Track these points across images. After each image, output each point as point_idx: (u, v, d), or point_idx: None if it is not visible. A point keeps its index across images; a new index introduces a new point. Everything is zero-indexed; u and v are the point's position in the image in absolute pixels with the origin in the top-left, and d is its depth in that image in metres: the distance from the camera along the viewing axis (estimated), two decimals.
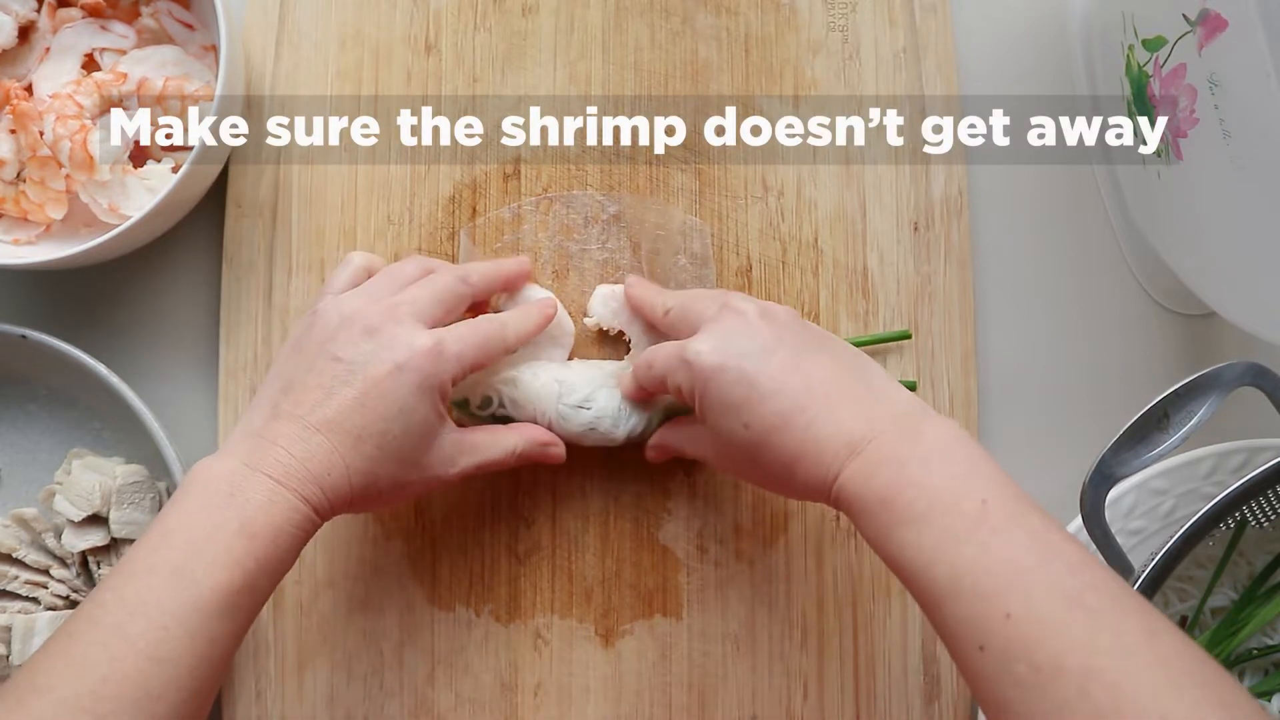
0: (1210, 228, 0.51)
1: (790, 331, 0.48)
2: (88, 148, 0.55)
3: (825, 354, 0.47)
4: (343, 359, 0.46)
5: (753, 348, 0.46)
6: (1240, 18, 0.43)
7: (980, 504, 0.40)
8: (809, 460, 0.44)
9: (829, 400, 0.45)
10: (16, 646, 0.54)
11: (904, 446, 0.42)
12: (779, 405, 0.45)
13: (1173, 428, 0.50)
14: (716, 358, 0.46)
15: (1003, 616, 0.37)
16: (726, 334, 0.47)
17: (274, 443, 0.45)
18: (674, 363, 0.48)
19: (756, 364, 0.46)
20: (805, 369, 0.46)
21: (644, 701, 0.57)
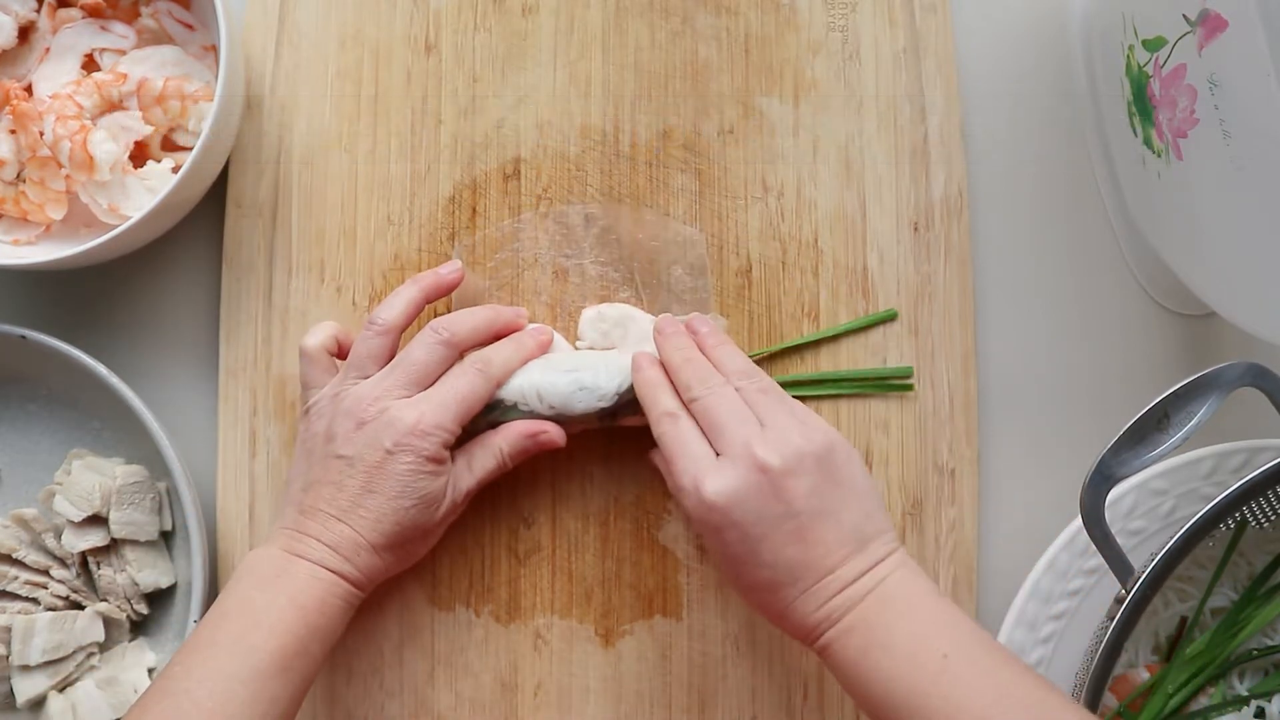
0: (1210, 228, 0.51)
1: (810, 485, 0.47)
2: (88, 148, 0.55)
3: (833, 509, 0.48)
4: (344, 455, 0.51)
5: (766, 513, 0.47)
6: (1240, 18, 0.43)
7: (941, 658, 0.44)
8: (792, 622, 0.48)
9: (821, 573, 0.47)
10: (16, 646, 0.54)
11: (875, 614, 0.46)
12: (773, 575, 0.47)
13: (1173, 428, 0.50)
14: (730, 515, 0.47)
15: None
16: (745, 489, 0.47)
17: (306, 534, 0.51)
18: (687, 485, 0.48)
19: (763, 530, 0.47)
20: (808, 540, 0.47)
21: (644, 702, 0.57)
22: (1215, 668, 0.56)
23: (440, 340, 0.53)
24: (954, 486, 0.59)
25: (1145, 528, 0.57)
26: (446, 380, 0.53)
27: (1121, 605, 0.48)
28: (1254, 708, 0.56)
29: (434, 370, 0.53)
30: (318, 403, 0.53)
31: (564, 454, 0.58)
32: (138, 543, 0.57)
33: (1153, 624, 0.57)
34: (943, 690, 0.43)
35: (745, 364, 0.53)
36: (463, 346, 0.54)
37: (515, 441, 0.54)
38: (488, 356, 0.54)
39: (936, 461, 0.59)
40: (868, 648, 0.45)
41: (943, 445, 0.59)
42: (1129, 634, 0.48)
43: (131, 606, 0.57)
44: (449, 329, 0.53)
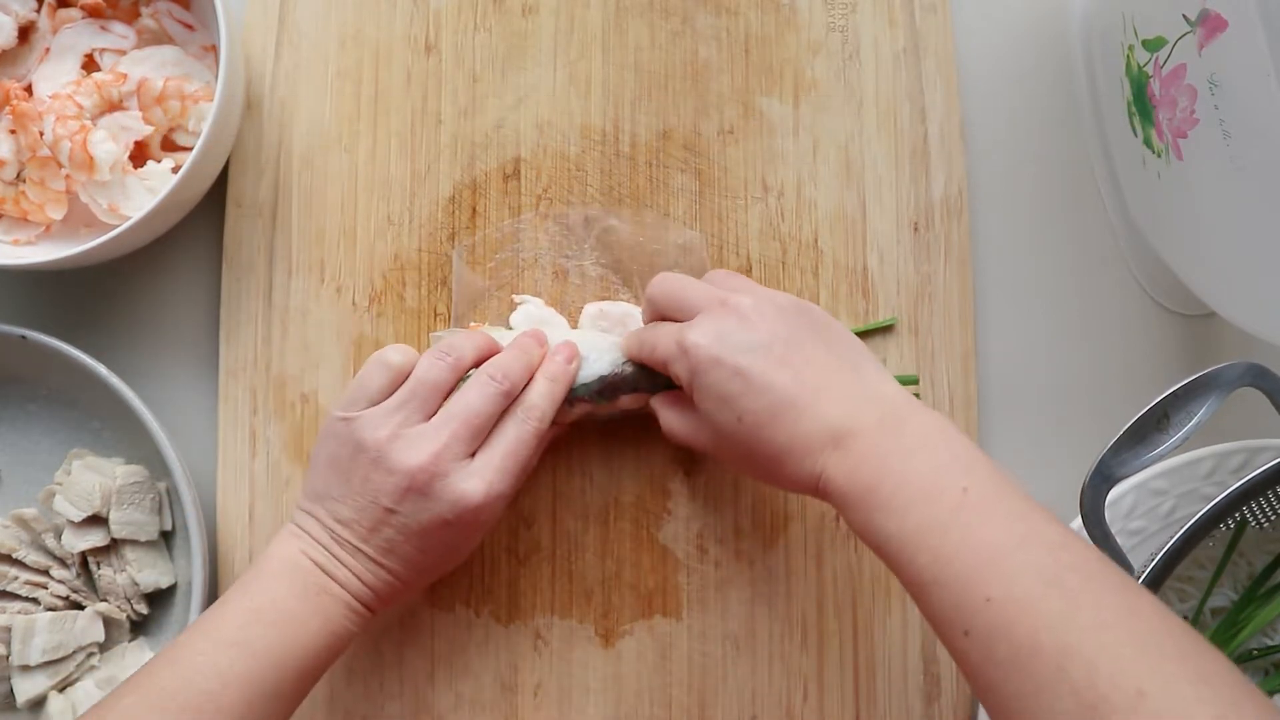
0: (1210, 228, 0.51)
1: (786, 324, 0.48)
2: (88, 148, 0.55)
3: (819, 347, 0.48)
4: (395, 511, 0.49)
5: (748, 342, 0.47)
6: (1240, 18, 0.43)
7: (961, 492, 0.41)
8: (796, 454, 0.46)
9: (817, 395, 0.46)
10: (16, 646, 0.54)
11: (887, 439, 0.44)
12: (769, 400, 0.46)
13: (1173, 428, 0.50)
14: (714, 349, 0.48)
15: (983, 600, 0.38)
16: (723, 329, 0.48)
17: (341, 563, 0.49)
18: (673, 351, 0.49)
19: (750, 359, 0.47)
20: (797, 364, 0.47)
21: (644, 702, 0.57)
22: None
23: (500, 391, 0.50)
24: None
25: (1145, 528, 0.57)
26: (506, 438, 0.50)
27: None
28: None
29: (490, 423, 0.50)
30: (366, 424, 0.49)
31: (564, 454, 0.58)
32: (138, 543, 0.57)
33: None
34: (961, 522, 0.40)
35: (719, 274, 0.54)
36: (513, 394, 0.51)
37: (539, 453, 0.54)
38: (541, 410, 0.51)
39: None
40: (880, 476, 0.43)
41: None
42: None
43: (131, 606, 0.57)
44: (507, 378, 0.51)
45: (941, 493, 0.41)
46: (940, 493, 0.41)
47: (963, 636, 0.39)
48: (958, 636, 0.39)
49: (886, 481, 0.43)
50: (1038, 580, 0.38)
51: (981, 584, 0.39)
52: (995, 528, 0.40)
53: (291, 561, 0.49)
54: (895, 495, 0.42)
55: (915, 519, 0.41)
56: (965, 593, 0.39)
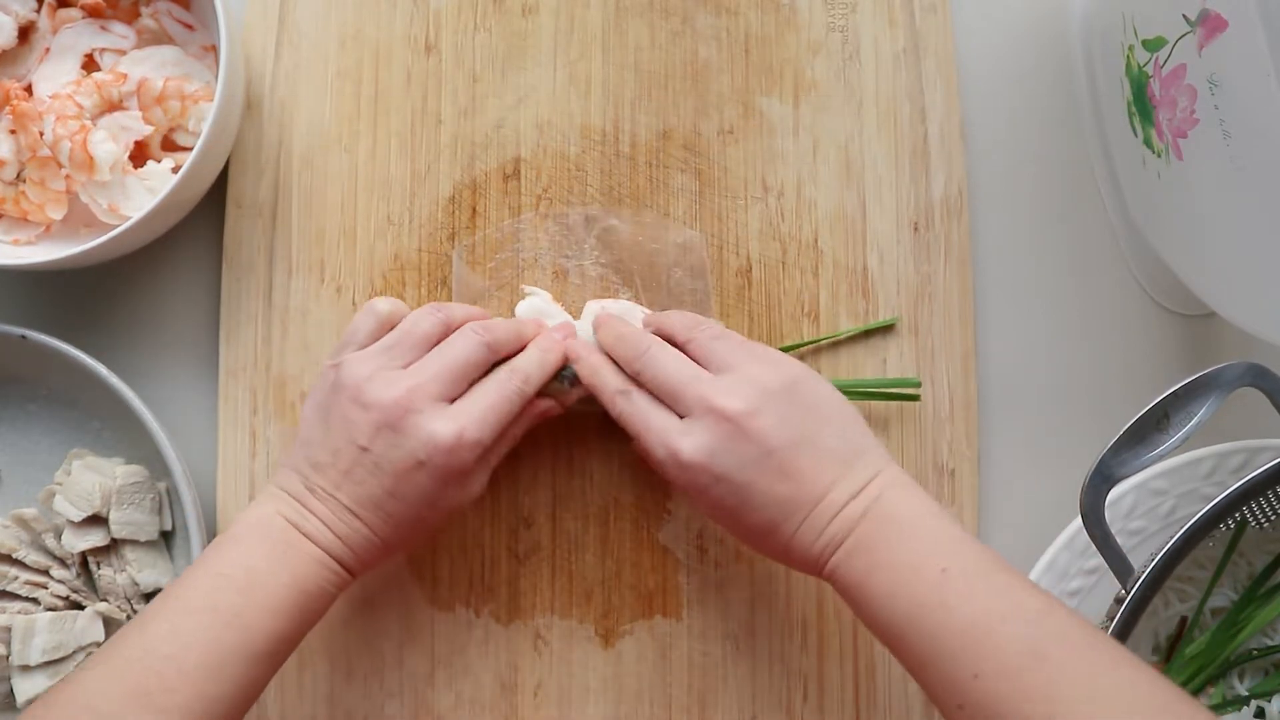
0: (1210, 228, 0.51)
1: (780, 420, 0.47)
2: (88, 148, 0.55)
3: (812, 439, 0.47)
4: (368, 450, 0.48)
5: (745, 459, 0.47)
6: (1240, 18, 0.43)
7: (940, 573, 0.44)
8: (797, 557, 0.48)
9: (814, 502, 0.47)
10: (16, 646, 0.54)
11: (873, 533, 0.46)
12: (769, 515, 0.47)
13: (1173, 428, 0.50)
14: (711, 470, 0.47)
15: (971, 677, 0.41)
16: (718, 442, 0.47)
17: (314, 514, 0.48)
18: (662, 456, 0.48)
19: (748, 475, 0.47)
20: (792, 473, 0.47)
21: (644, 702, 0.57)
22: (1215, 668, 0.56)
23: (482, 341, 0.51)
24: (954, 486, 0.59)
25: (1145, 528, 0.57)
26: (488, 392, 0.50)
27: (1121, 605, 0.48)
28: (1254, 708, 0.56)
29: (471, 374, 0.50)
30: (349, 366, 0.50)
31: (564, 454, 0.58)
32: (138, 543, 0.57)
33: (1153, 624, 0.57)
34: (944, 602, 0.43)
35: (692, 318, 0.53)
36: (498, 355, 0.52)
37: (525, 423, 0.53)
38: (526, 372, 0.51)
39: (937, 461, 0.59)
40: (871, 568, 0.45)
41: (943, 445, 0.59)
42: (1129, 634, 0.48)
43: (131, 606, 0.57)
44: (490, 331, 0.51)
45: (922, 575, 0.44)
46: (921, 575, 0.44)
47: (957, 710, 0.41)
48: (953, 710, 0.42)
49: (875, 573, 0.45)
50: (1021, 653, 0.40)
51: (968, 662, 0.41)
52: (975, 604, 0.42)
53: (263, 522, 0.48)
54: (883, 583, 0.45)
55: (902, 603, 0.44)
56: (954, 670, 0.41)
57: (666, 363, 0.50)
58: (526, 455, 0.58)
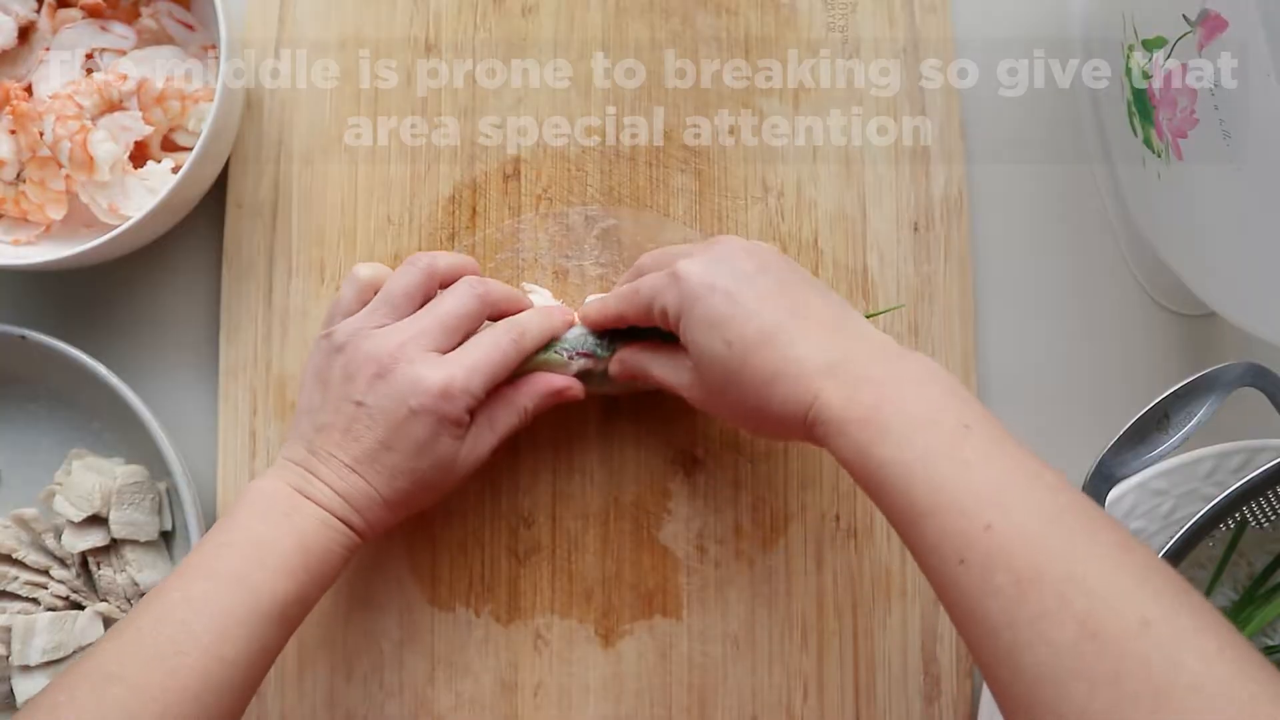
0: (1210, 228, 0.51)
1: (777, 264, 0.49)
2: (88, 148, 0.55)
3: (809, 289, 0.48)
4: (363, 403, 0.49)
5: (741, 271, 0.48)
6: (1240, 18, 0.43)
7: (963, 428, 0.41)
8: (788, 379, 0.44)
9: (809, 324, 0.46)
10: (16, 647, 0.54)
11: (884, 366, 0.43)
12: (761, 323, 0.46)
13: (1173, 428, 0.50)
14: (707, 277, 0.48)
15: (983, 529, 0.37)
16: (715, 258, 0.48)
17: (318, 476, 0.49)
18: (663, 281, 0.49)
19: (742, 285, 0.47)
20: (789, 295, 0.47)
21: (644, 701, 0.57)
22: None
23: (476, 294, 0.51)
24: None
25: (1145, 528, 0.57)
26: (480, 343, 0.51)
27: None
28: None
29: (465, 326, 0.51)
30: (340, 330, 0.51)
31: (564, 454, 0.58)
32: (138, 543, 0.57)
33: None
34: (962, 455, 0.40)
35: None
36: (493, 311, 0.53)
37: (539, 400, 0.53)
38: (523, 326, 0.52)
39: None
40: (880, 403, 0.42)
41: None
42: None
43: (131, 606, 0.57)
44: (485, 287, 0.52)
45: (941, 425, 0.41)
46: (940, 424, 0.41)
47: (958, 565, 0.38)
48: (951, 566, 0.38)
49: (885, 408, 0.42)
50: (1038, 515, 0.38)
51: (981, 513, 0.38)
52: (995, 465, 0.40)
53: (267, 492, 0.48)
54: (893, 421, 0.41)
55: (915, 447, 0.40)
56: (964, 520, 0.38)
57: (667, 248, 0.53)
58: (526, 455, 0.58)
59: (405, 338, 0.49)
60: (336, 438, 0.49)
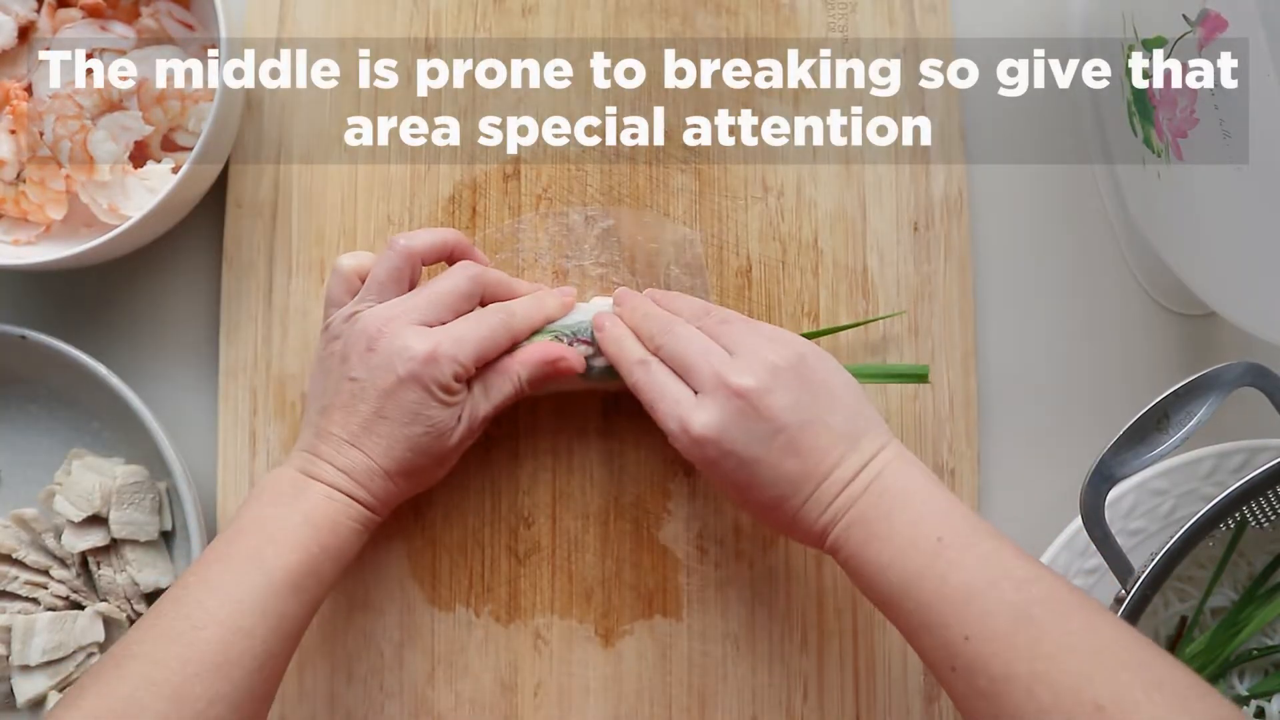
0: (1210, 228, 0.51)
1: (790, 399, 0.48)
2: (88, 148, 0.55)
3: (820, 419, 0.48)
4: (356, 378, 0.50)
5: (755, 435, 0.48)
6: (1240, 18, 0.43)
7: (936, 541, 0.45)
8: (801, 530, 0.49)
9: (820, 478, 0.48)
10: (16, 646, 0.54)
11: (874, 506, 0.47)
12: (776, 492, 0.48)
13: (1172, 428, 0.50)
14: (721, 446, 0.48)
15: (962, 639, 0.42)
16: (729, 418, 0.48)
17: (321, 457, 0.50)
18: (674, 428, 0.49)
19: (757, 451, 0.48)
20: (801, 450, 0.48)
21: (644, 701, 0.57)
22: (1215, 668, 0.56)
23: (468, 275, 0.53)
24: (954, 486, 0.59)
25: (1145, 528, 0.57)
26: (469, 317, 0.52)
27: (1121, 605, 0.48)
28: (1254, 708, 0.56)
29: (455, 305, 0.52)
30: (334, 321, 0.52)
31: (564, 454, 0.58)
32: (138, 543, 0.57)
33: (1153, 624, 0.57)
34: (938, 571, 0.44)
35: (701, 304, 0.54)
36: (486, 295, 0.54)
37: (535, 368, 0.53)
38: (512, 309, 0.53)
39: (936, 461, 0.59)
40: (868, 539, 0.46)
41: (943, 445, 0.59)
42: None
43: (131, 606, 0.57)
44: (478, 269, 0.53)
45: (917, 544, 0.45)
46: (916, 545, 0.45)
47: (950, 672, 0.43)
48: (946, 673, 0.43)
49: (873, 544, 0.46)
50: (1008, 616, 0.42)
51: (960, 625, 0.43)
52: (967, 571, 0.44)
53: (277, 478, 0.50)
54: (881, 553, 0.46)
55: (898, 571, 0.45)
56: (947, 634, 0.43)
57: (690, 339, 0.51)
58: (526, 455, 0.58)
59: (394, 313, 0.51)
60: (338, 417, 0.50)
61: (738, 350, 0.50)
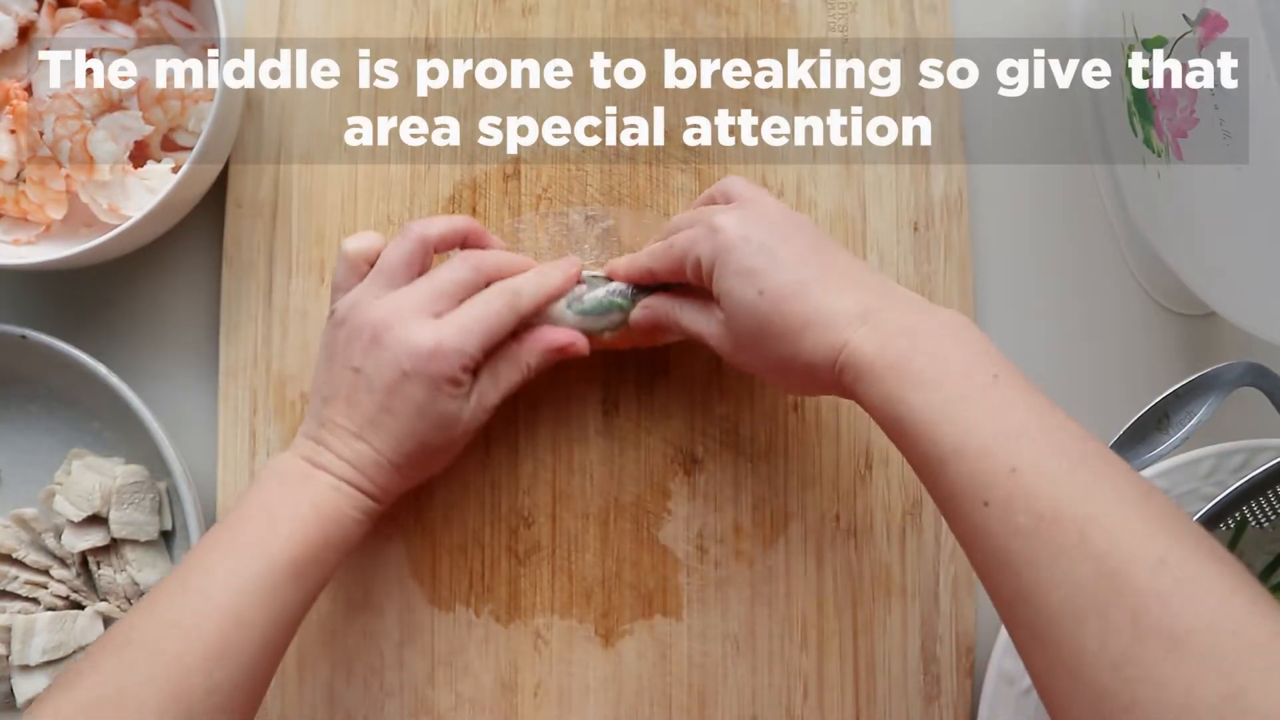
0: (1210, 228, 0.51)
1: (810, 227, 0.50)
2: (88, 148, 0.55)
3: (842, 251, 0.49)
4: (360, 369, 0.50)
5: (776, 228, 0.49)
6: (1240, 18, 0.43)
7: (992, 378, 0.42)
8: (819, 326, 0.45)
9: (843, 280, 0.47)
10: (16, 647, 0.54)
11: (915, 319, 0.44)
12: (796, 274, 0.47)
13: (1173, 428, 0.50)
14: (742, 229, 0.48)
15: (1008, 471, 0.38)
16: (751, 215, 0.49)
17: (326, 447, 0.50)
18: (699, 232, 0.50)
19: (777, 240, 0.48)
20: (823, 254, 0.48)
21: (644, 701, 0.57)
22: None
23: (470, 264, 0.53)
24: None
25: None
26: (473, 303, 0.51)
27: None
28: None
29: (459, 292, 0.51)
30: (340, 307, 0.52)
31: (564, 454, 0.58)
32: (138, 543, 0.57)
33: None
34: (990, 402, 0.41)
35: None
36: (490, 278, 0.53)
37: (542, 355, 0.53)
38: (517, 287, 0.52)
39: None
40: (911, 353, 0.43)
41: None
42: None
43: (131, 606, 0.57)
44: (480, 259, 0.53)
45: (973, 373, 0.42)
46: (971, 373, 0.42)
47: (982, 508, 0.39)
48: (976, 509, 0.39)
49: (918, 355, 0.43)
50: (1063, 458, 0.39)
51: (1006, 455, 0.39)
52: (1023, 413, 0.41)
53: (281, 466, 0.50)
54: (927, 368, 0.42)
55: (946, 392, 0.41)
56: (989, 462, 0.39)
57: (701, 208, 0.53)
58: (526, 455, 0.58)
59: (400, 304, 0.50)
60: (341, 407, 0.50)
61: None
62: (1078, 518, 0.36)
